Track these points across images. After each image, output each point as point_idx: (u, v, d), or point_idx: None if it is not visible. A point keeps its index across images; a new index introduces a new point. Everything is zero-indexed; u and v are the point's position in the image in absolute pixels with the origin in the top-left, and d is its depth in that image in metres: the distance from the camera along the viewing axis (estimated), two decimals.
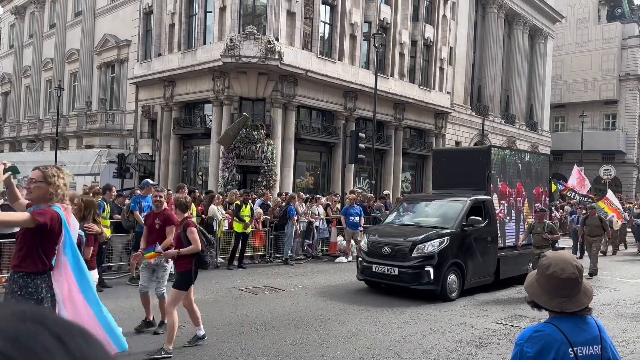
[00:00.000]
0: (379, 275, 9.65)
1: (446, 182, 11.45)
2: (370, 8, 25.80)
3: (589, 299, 2.13)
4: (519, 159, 11.92)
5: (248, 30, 20.97)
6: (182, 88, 24.34)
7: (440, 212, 10.47)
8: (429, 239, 9.37)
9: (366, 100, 24.75)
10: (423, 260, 9.17)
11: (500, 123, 36.29)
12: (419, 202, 11.46)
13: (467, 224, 9.71)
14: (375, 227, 11.93)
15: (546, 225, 10.15)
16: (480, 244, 10.07)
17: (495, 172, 10.94)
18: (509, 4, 36.49)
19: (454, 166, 11.48)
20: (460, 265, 9.56)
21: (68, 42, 34.36)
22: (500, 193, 11.08)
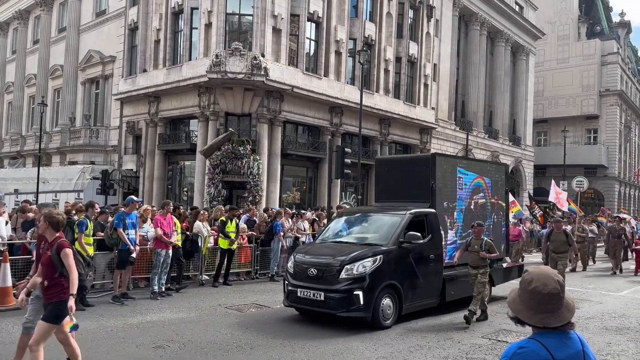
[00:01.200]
0: (304, 301, 8.33)
1: (389, 193, 10.48)
2: (355, 25, 26.07)
3: (571, 313, 2.13)
4: (471, 167, 10.98)
5: (234, 46, 21.04)
6: (167, 104, 24.27)
7: (376, 227, 9.35)
8: (359, 258, 8.15)
9: (352, 116, 24.89)
10: (352, 282, 7.96)
11: (484, 138, 36.69)
12: (357, 216, 10.10)
13: (405, 241, 8.61)
14: (305, 245, 10.90)
15: (484, 242, 8.85)
16: (422, 263, 8.96)
17: (441, 183, 9.89)
18: (491, 21, 37.15)
19: (397, 176, 10.49)
20: (397, 288, 8.40)
21: (52, 58, 34.16)
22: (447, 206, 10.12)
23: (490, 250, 8.83)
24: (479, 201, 10.84)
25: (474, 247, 8.86)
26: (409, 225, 8.95)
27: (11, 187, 28.98)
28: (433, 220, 9.42)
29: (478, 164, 11.49)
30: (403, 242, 8.62)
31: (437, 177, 9.74)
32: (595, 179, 50.60)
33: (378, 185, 11.10)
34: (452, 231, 10.05)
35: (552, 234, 12.40)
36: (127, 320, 8.37)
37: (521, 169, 41.46)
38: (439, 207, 9.75)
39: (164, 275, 10.66)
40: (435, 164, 9.78)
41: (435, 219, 9.47)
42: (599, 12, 55.01)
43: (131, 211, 10.12)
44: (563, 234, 12.20)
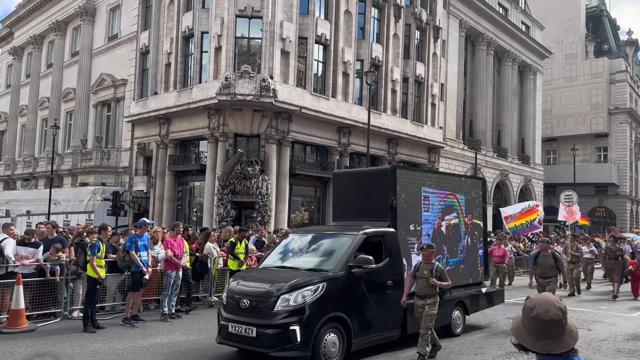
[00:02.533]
0: (236, 338, 7.08)
1: (348, 211, 9.34)
2: (362, 47, 26.39)
3: (574, 340, 2.15)
4: (442, 183, 9.83)
5: (243, 69, 21.36)
6: (177, 125, 24.58)
7: (325, 250, 8.13)
8: (298, 286, 6.91)
9: (360, 136, 25.04)
10: (289, 315, 6.72)
11: (493, 157, 36.66)
12: (307, 237, 8.72)
13: (355, 265, 7.41)
14: (245, 271, 9.87)
15: (435, 267, 7.60)
16: (377, 291, 7.78)
17: (404, 202, 8.77)
18: (498, 41, 37.40)
19: (356, 192, 9.30)
20: (344, 321, 7.14)
21: (65, 81, 34.78)
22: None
23: (442, 277, 7.55)
24: (452, 222, 9.73)
25: (423, 273, 7.57)
26: (363, 248, 7.78)
27: (23, 208, 29.30)
28: (392, 241, 8.25)
29: (450, 180, 10.33)
30: (353, 267, 7.41)
31: (399, 193, 8.63)
32: (607, 197, 50.24)
33: (336, 202, 9.83)
34: (419, 256, 8.54)
35: (539, 257, 11.16)
36: (137, 343, 8.42)
37: (531, 188, 41.28)
38: (403, 228, 8.64)
39: (174, 297, 10.71)
40: (395, 178, 8.64)
41: (394, 240, 8.31)
42: (606, 30, 55.20)
43: (143, 233, 10.23)
44: (551, 257, 10.96)
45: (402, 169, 9.62)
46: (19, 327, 9.07)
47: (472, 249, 10.22)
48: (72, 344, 8.29)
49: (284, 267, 7.96)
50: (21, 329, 9.05)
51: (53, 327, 9.58)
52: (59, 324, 9.78)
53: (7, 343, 8.23)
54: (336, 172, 11.19)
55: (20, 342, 8.23)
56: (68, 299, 10.29)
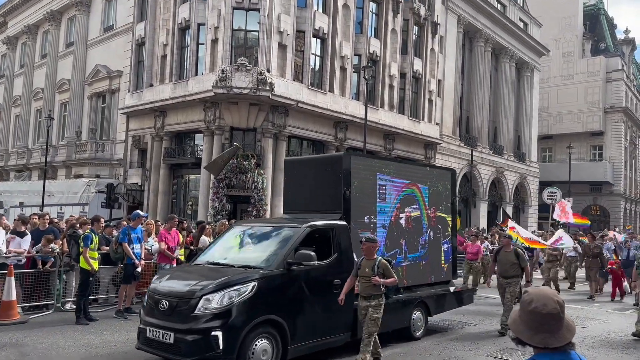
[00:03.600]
0: (153, 344, 6.32)
1: (299, 203, 8.56)
2: (360, 41, 26.26)
3: (571, 334, 2.15)
4: (402, 171, 9.05)
5: (240, 61, 21.21)
6: (173, 118, 24.42)
7: (263, 245, 7.40)
8: (225, 286, 6.17)
9: (356, 131, 24.96)
10: (211, 319, 5.98)
11: (489, 154, 36.67)
12: (248, 230, 7.95)
13: (294, 262, 6.64)
14: (172, 269, 9.05)
15: (377, 263, 6.63)
16: (322, 290, 6.96)
17: (359, 191, 8.02)
18: (496, 38, 37.35)
19: (307, 182, 8.47)
20: (279, 325, 6.39)
21: (59, 72, 34.49)
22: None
23: (386, 274, 6.60)
24: (412, 214, 8.97)
25: (365, 271, 6.62)
26: (307, 243, 7.07)
27: (17, 199, 29.08)
28: (342, 236, 7.43)
29: (412, 169, 9.52)
30: (292, 264, 6.63)
31: (354, 182, 7.88)
32: (601, 195, 50.45)
33: (286, 193, 9.07)
34: None
35: (500, 254, 9.84)
36: (130, 335, 8.33)
37: (526, 185, 41.36)
38: (356, 220, 7.89)
39: None
40: (348, 165, 7.89)
41: (345, 234, 7.52)
42: (603, 29, 55.28)
43: (136, 226, 10.14)
44: (513, 254, 9.59)
45: (356, 155, 8.73)
46: (11, 318, 8.98)
47: (434, 244, 9.47)
48: (64, 336, 8.21)
49: (217, 264, 7.10)
50: (13, 320, 8.95)
51: (45, 319, 9.49)
52: (51, 316, 9.70)
53: None
54: (287, 160, 9.97)
55: (11, 334, 8.14)
56: (61, 291, 10.20)
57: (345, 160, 8.00)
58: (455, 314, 10.69)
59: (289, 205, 8.87)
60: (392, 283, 6.69)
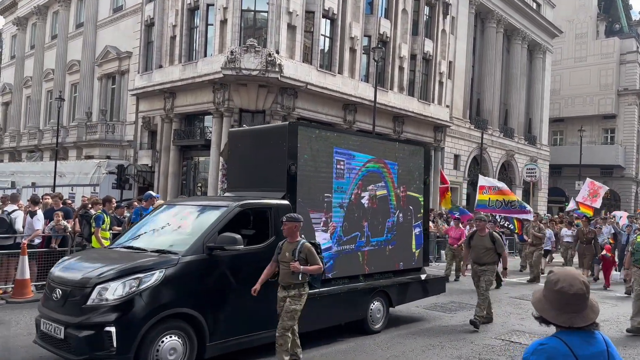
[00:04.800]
0: (46, 339, 5.54)
1: (242, 179, 7.72)
2: (370, 22, 26.00)
3: (595, 314, 2.19)
4: (365, 146, 8.05)
5: (249, 43, 21.11)
6: (182, 100, 24.44)
7: (185, 226, 6.55)
8: (124, 274, 5.31)
9: (365, 113, 24.86)
10: (104, 312, 5.12)
11: (499, 137, 36.41)
12: (173, 210, 7.08)
13: (216, 246, 5.78)
14: (81, 252, 7.73)
15: (299, 247, 5.69)
16: (253, 279, 5.84)
17: (311, 166, 7.14)
18: (508, 18, 36.80)
19: (251, 155, 7.54)
20: (195, 320, 5.59)
21: (69, 53, 34.54)
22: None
23: (309, 260, 5.66)
24: (377, 192, 8.11)
25: (285, 255, 5.73)
26: (237, 224, 6.37)
27: (28, 180, 29.41)
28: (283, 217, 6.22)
29: (377, 143, 8.45)
30: (214, 249, 5.79)
31: (304, 156, 7.02)
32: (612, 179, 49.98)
33: (230, 169, 8.24)
34: (327, 233, 7.28)
35: (474, 238, 8.92)
36: None
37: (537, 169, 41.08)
38: (305, 199, 7.02)
39: None
40: (296, 137, 6.96)
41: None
42: (618, 10, 54.19)
43: (149, 206, 10.24)
44: (488, 239, 8.71)
45: (306, 126, 7.81)
46: (25, 296, 9.16)
47: (404, 227, 8.60)
48: None
49: (131, 248, 6.26)
50: (27, 298, 9.13)
51: None
52: None
53: (12, 312, 8.33)
54: (231, 131, 8.71)
55: (25, 312, 8.32)
56: None
57: (291, 131, 6.99)
58: (432, 303, 9.96)
59: (233, 183, 7.95)
60: (315, 271, 5.71)
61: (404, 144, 9.37)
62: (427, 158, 9.28)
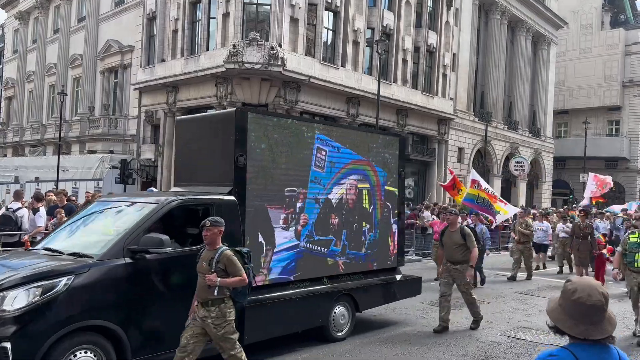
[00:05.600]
0: None
1: (190, 172, 6.91)
2: (374, 14, 25.81)
3: (613, 327, 2.12)
4: (345, 140, 7.42)
5: (251, 36, 20.98)
6: (185, 94, 24.35)
7: (107, 226, 5.81)
8: (25, 281, 4.70)
9: (369, 106, 24.73)
10: (0, 326, 4.51)
11: (503, 129, 36.21)
12: (103, 207, 6.28)
13: (139, 249, 5.11)
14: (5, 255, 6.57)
15: (217, 256, 4.81)
16: (187, 286, 5.18)
17: (268, 156, 6.47)
18: (512, 10, 36.49)
19: (199, 146, 6.76)
20: (113, 333, 4.94)
21: (71, 48, 34.44)
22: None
23: (229, 270, 4.76)
24: (359, 186, 7.60)
25: (202, 266, 4.89)
26: (177, 223, 5.88)
27: (32, 175, 29.43)
28: (229, 214, 5.74)
29: (352, 135, 7.71)
30: (138, 252, 5.12)
31: (257, 147, 6.34)
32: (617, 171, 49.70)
33: (177, 161, 7.51)
34: (291, 231, 6.66)
35: (445, 234, 8.21)
36: None
37: (541, 161, 40.94)
38: (261, 194, 6.36)
39: None
40: (245, 124, 6.23)
41: (233, 212, 5.93)
42: (623, 0, 53.70)
43: None
44: (458, 234, 8.01)
45: (260, 113, 6.97)
46: None
47: (382, 225, 8.04)
48: None
49: (50, 250, 5.55)
50: None
51: None
52: None
53: None
54: (178, 120, 7.89)
55: None
56: None
57: (239, 119, 6.23)
58: (436, 300, 9.04)
59: (180, 177, 7.20)
60: (235, 284, 4.80)
61: (379, 135, 8.76)
62: (401, 149, 8.60)
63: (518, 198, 36.67)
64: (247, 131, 6.24)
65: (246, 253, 5.03)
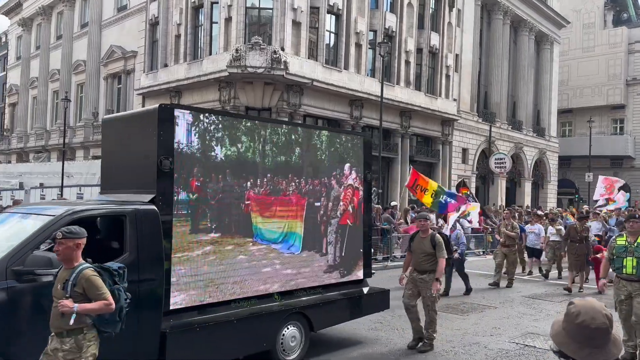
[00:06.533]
0: None
1: (114, 178, 6.15)
2: (376, 17, 25.78)
3: (618, 350, 2.07)
4: (275, 137, 6.45)
5: (254, 40, 20.98)
6: (188, 98, 24.36)
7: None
8: None
9: (372, 109, 24.69)
10: None
11: (507, 129, 36.10)
12: (6, 219, 5.43)
13: (25, 270, 4.33)
14: None
15: (74, 276, 3.89)
16: None
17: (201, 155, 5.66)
18: (515, 10, 36.40)
19: (123, 148, 6.01)
20: None
21: (75, 54, 34.54)
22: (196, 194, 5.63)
23: (89, 293, 3.86)
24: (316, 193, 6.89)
25: (57, 289, 3.97)
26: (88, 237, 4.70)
27: (36, 181, 29.48)
28: (145, 226, 5.06)
29: (288, 129, 6.81)
30: (24, 273, 4.34)
31: (183, 148, 5.47)
32: (622, 170, 49.49)
33: (103, 166, 6.52)
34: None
35: (415, 240, 7.42)
36: None
37: (546, 161, 40.77)
38: (183, 200, 5.47)
39: None
40: (172, 125, 5.40)
41: (152, 223, 5.14)
42: None
43: None
44: (428, 241, 7.21)
45: (185, 107, 6.10)
46: None
47: (343, 232, 7.24)
48: None
49: None
50: None
51: None
52: None
53: None
54: (104, 119, 6.78)
55: None
56: None
57: (163, 118, 5.35)
58: (444, 304, 9.11)
59: (105, 183, 6.40)
60: (97, 310, 3.87)
61: (341, 134, 7.80)
62: (367, 150, 7.74)
63: (523, 198, 36.58)
64: (175, 130, 5.42)
65: (116, 270, 4.08)
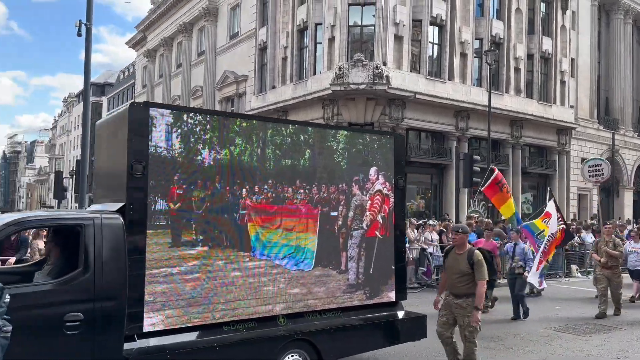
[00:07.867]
0: None
1: (99, 185, 5.75)
2: (481, 25, 25.06)
3: None
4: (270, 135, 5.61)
5: (356, 57, 21.36)
6: (294, 117, 25.23)
7: None
8: None
9: (479, 119, 23.89)
10: None
11: (633, 137, 33.07)
12: None
13: None
14: None
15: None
16: (37, 334, 4.10)
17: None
18: (637, 8, 33.46)
19: (104, 154, 5.60)
20: None
21: (193, 80, 37.33)
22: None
23: None
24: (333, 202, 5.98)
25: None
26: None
27: None
28: (106, 239, 4.53)
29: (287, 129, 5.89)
30: None
31: (162, 152, 4.89)
32: None
33: (95, 172, 6.05)
34: None
35: (449, 256, 6.23)
36: None
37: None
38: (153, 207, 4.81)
39: None
40: (145, 123, 4.82)
41: (116, 235, 4.57)
42: None
43: None
44: (465, 258, 5.96)
45: (164, 107, 5.40)
46: None
47: (375, 245, 6.22)
48: None
49: None
50: None
51: None
52: None
53: None
54: (98, 123, 6.02)
55: None
56: None
57: (135, 120, 4.80)
58: (564, 324, 8.72)
59: (94, 193, 6.00)
60: None
61: (365, 134, 6.49)
62: (398, 152, 6.62)
63: (623, 211, 32.53)
64: (151, 132, 4.84)
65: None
